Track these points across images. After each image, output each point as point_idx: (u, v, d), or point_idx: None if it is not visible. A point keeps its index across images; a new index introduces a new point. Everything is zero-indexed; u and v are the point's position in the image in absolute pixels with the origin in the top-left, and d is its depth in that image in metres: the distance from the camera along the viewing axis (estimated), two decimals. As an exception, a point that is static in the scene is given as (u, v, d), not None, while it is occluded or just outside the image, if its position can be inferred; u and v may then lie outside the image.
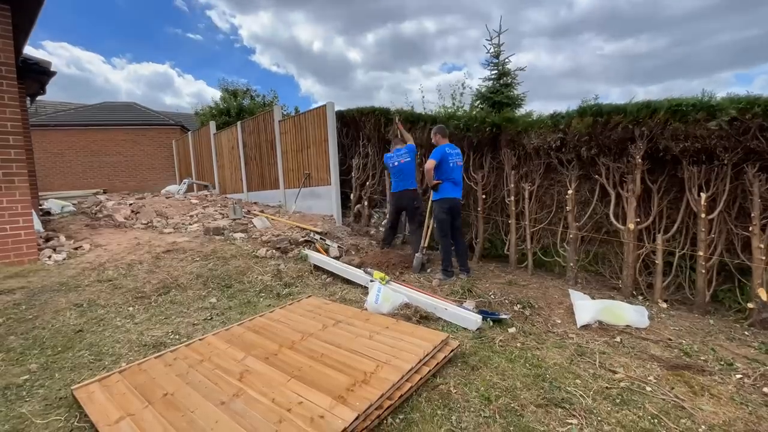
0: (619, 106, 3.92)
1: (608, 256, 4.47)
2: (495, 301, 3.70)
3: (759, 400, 2.22)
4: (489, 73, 7.06)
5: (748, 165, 3.35)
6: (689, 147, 3.55)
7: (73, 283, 3.79)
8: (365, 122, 6.72)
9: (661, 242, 3.85)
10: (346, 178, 7.18)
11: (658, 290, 3.86)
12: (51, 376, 2.41)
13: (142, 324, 3.16)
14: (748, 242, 3.43)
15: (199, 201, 8.25)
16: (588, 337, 3.04)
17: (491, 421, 2.02)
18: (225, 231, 5.67)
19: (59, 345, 2.78)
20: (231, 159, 9.99)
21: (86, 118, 15.17)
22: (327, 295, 3.98)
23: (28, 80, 6.11)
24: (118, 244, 5.00)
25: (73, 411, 2.07)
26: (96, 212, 7.08)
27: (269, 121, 8.28)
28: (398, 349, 2.49)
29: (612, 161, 4.11)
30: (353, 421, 1.80)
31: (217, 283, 4.02)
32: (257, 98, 15.29)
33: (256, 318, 3.15)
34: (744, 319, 3.37)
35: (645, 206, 4.05)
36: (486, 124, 5.07)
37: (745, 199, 3.47)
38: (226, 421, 1.84)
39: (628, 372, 2.52)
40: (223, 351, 2.56)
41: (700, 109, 3.41)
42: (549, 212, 4.84)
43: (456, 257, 4.64)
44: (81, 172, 14.57)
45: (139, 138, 15.17)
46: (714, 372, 2.53)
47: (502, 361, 2.64)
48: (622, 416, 2.07)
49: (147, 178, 15.02)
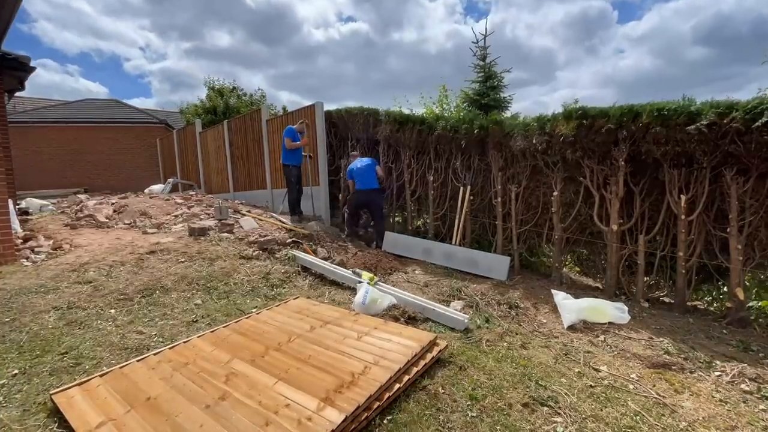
0: (603, 109, 4.00)
1: (592, 257, 4.56)
2: (482, 301, 3.73)
3: (737, 397, 2.29)
4: (476, 75, 7.12)
5: (726, 168, 3.45)
6: (670, 150, 3.64)
7: (52, 284, 3.68)
8: (354, 123, 6.70)
9: (642, 243, 3.94)
10: (335, 178, 7.16)
11: (640, 290, 3.95)
12: (29, 381, 2.33)
13: (124, 327, 3.09)
14: (726, 243, 3.53)
15: (184, 201, 8.10)
16: (573, 337, 3.09)
17: (478, 420, 2.04)
18: (211, 231, 5.58)
19: (38, 348, 2.70)
20: (217, 158, 9.85)
21: (66, 115, 14.76)
22: (315, 296, 3.95)
23: (5, 76, 5.93)
24: (99, 244, 4.88)
25: (52, 417, 2.01)
26: (77, 212, 6.90)
27: (256, 120, 8.20)
28: (386, 349, 2.49)
29: (596, 164, 4.18)
30: (341, 422, 1.79)
31: (202, 285, 3.95)
32: (244, 97, 15.13)
33: (242, 320, 3.11)
34: (722, 318, 3.48)
35: (628, 208, 4.14)
36: (474, 127, 5.12)
37: (724, 202, 3.57)
38: (211, 424, 1.81)
39: (612, 370, 2.57)
40: (208, 353, 2.52)
41: (681, 114, 3.50)
42: (535, 213, 4.90)
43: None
44: (61, 171, 14.15)
45: (121, 136, 14.83)
46: (694, 370, 2.59)
47: (489, 360, 2.66)
48: (605, 413, 2.11)
49: (130, 177, 14.67)
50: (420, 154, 6.00)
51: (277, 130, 7.65)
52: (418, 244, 5.41)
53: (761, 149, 3.23)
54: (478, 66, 7.05)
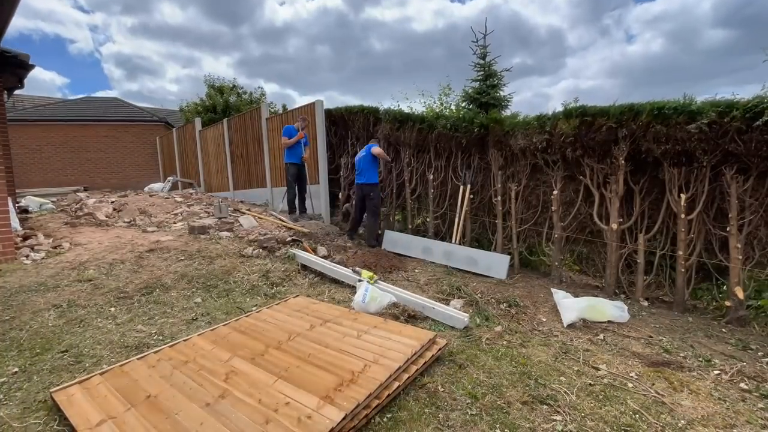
0: (603, 108, 3.99)
1: (592, 256, 4.56)
2: (482, 300, 3.73)
3: (736, 396, 2.30)
4: (476, 74, 7.11)
5: (726, 167, 3.45)
6: (670, 149, 3.63)
7: (52, 283, 3.69)
8: (354, 121, 6.69)
9: (642, 242, 3.94)
10: (335, 177, 7.15)
11: (640, 289, 3.95)
12: (29, 379, 2.34)
13: (124, 325, 3.10)
14: (725, 242, 3.53)
15: (184, 199, 8.10)
16: (572, 335, 3.10)
17: (478, 418, 2.04)
18: (210, 230, 5.58)
19: (38, 347, 2.70)
20: (217, 156, 9.84)
21: (66, 113, 14.73)
22: (315, 294, 3.95)
23: (5, 73, 5.92)
24: (99, 242, 4.88)
25: (52, 414, 2.02)
26: (76, 210, 6.90)
27: (256, 118, 8.18)
28: (386, 348, 2.49)
29: (596, 162, 4.18)
30: (341, 420, 1.79)
31: (202, 283, 3.96)
32: (244, 95, 15.11)
33: (242, 318, 3.12)
34: (721, 317, 3.48)
35: (627, 207, 4.14)
36: (474, 125, 5.11)
37: (723, 201, 3.57)
38: (211, 422, 1.81)
39: (611, 369, 2.58)
40: (208, 352, 2.52)
41: (681, 113, 3.49)
42: (535, 212, 4.90)
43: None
44: (61, 169, 14.14)
45: (121, 134, 14.80)
46: (693, 368, 2.60)
47: (488, 359, 2.66)
48: (605, 412, 2.11)
49: (129, 176, 14.66)
50: (420, 152, 5.99)
51: (276, 128, 7.63)
52: (418, 242, 5.41)
53: (761, 148, 3.23)
54: (478, 65, 7.04)
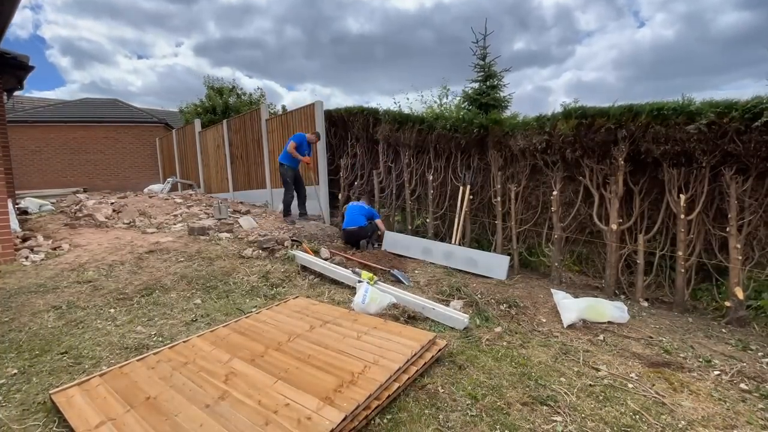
0: (602, 108, 4.00)
1: (592, 256, 4.56)
2: (482, 301, 3.73)
3: (736, 396, 2.30)
4: (476, 75, 7.12)
5: (725, 167, 3.46)
6: (669, 150, 3.64)
7: (51, 284, 3.68)
8: (353, 122, 6.70)
9: (642, 242, 3.94)
10: (335, 178, 7.15)
11: (640, 289, 3.95)
12: (28, 380, 2.33)
13: (123, 326, 3.09)
14: (725, 242, 3.54)
15: (184, 200, 8.10)
16: (572, 336, 3.09)
17: (478, 419, 2.04)
18: (210, 231, 5.58)
19: (37, 348, 2.70)
20: (217, 158, 9.84)
21: (66, 114, 14.72)
22: (314, 295, 3.95)
23: (4, 75, 5.93)
24: (98, 244, 4.87)
25: (51, 416, 2.01)
26: (76, 211, 6.89)
27: (256, 119, 8.19)
28: (386, 349, 2.49)
29: (595, 163, 4.19)
30: (341, 422, 1.79)
31: (201, 284, 3.95)
32: (244, 96, 15.12)
33: (242, 319, 3.11)
34: (721, 317, 3.48)
35: (627, 207, 4.15)
36: (474, 126, 5.12)
37: (723, 201, 3.58)
38: (211, 424, 1.81)
39: (611, 369, 2.57)
40: (208, 353, 2.52)
41: (680, 113, 3.50)
42: (534, 213, 4.91)
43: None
44: (60, 170, 14.14)
45: (121, 135, 14.80)
46: (693, 369, 2.60)
47: (488, 360, 2.66)
48: (605, 413, 2.11)
49: (129, 177, 14.65)
50: (420, 153, 6.00)
51: (276, 130, 7.64)
52: (418, 243, 5.41)
53: (760, 149, 3.24)
54: (478, 65, 7.05)
